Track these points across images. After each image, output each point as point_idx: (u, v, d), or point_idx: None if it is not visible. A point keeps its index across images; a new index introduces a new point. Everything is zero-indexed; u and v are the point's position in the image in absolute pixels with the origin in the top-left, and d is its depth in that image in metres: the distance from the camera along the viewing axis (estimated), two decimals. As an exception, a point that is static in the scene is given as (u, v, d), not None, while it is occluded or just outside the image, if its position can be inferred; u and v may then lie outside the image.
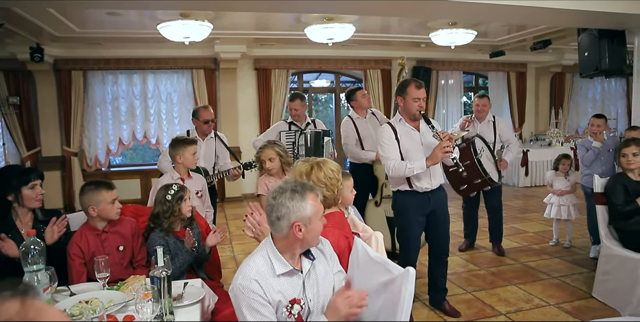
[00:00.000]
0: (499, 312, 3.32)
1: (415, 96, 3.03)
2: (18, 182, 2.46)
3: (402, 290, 1.65)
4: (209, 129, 4.10)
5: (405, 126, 3.15)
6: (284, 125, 4.38)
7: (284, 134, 4.22)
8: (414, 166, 2.98)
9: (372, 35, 6.72)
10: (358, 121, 4.54)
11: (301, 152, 4.10)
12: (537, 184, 8.57)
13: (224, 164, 4.16)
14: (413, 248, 3.26)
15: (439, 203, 3.24)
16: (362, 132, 4.51)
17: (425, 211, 3.20)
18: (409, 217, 3.21)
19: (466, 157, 4.07)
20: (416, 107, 3.05)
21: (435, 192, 3.21)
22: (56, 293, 2.09)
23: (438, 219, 3.25)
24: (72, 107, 7.24)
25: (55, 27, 5.65)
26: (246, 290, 1.61)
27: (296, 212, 1.62)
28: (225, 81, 7.81)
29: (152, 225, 2.58)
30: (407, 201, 3.19)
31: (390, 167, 3.05)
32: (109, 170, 7.83)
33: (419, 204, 3.18)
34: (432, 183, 3.16)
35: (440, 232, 3.31)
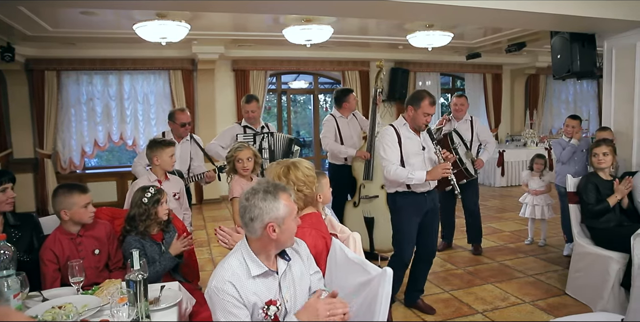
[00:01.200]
0: (476, 311, 3.38)
1: (427, 111, 3.14)
2: None
3: (379, 290, 1.66)
4: (186, 132, 4.02)
5: (409, 132, 3.24)
6: (239, 129, 4.30)
7: (242, 137, 4.12)
8: (414, 177, 3.08)
9: (350, 36, 6.75)
10: (340, 120, 4.63)
11: (265, 155, 4.01)
12: (513, 184, 8.74)
13: (198, 166, 4.09)
14: (408, 248, 3.31)
15: (434, 203, 3.33)
16: (343, 132, 4.60)
17: (422, 211, 3.28)
18: (407, 218, 3.27)
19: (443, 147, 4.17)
20: (424, 121, 3.17)
21: (431, 193, 3.31)
22: (28, 299, 2.04)
23: (430, 219, 3.33)
24: (46, 108, 7.06)
25: (27, 26, 5.50)
26: (221, 292, 1.60)
27: (269, 212, 1.62)
28: (203, 82, 7.74)
29: (128, 227, 2.54)
30: (406, 201, 3.26)
31: (392, 171, 3.12)
32: (84, 172, 7.66)
33: (416, 205, 3.25)
34: (430, 184, 3.27)
35: (432, 232, 3.38)
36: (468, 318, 3.27)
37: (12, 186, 2.48)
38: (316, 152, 9.03)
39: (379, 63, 4.59)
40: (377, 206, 4.35)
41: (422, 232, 3.34)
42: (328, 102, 10.51)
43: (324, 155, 9.25)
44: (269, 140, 4.06)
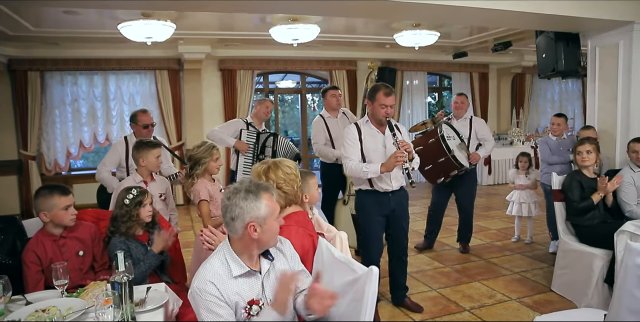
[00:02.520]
0: (463, 308, 3.40)
1: (382, 103, 3.09)
2: None
3: (365, 289, 1.66)
4: (149, 134, 3.90)
5: (371, 128, 3.21)
6: (243, 124, 4.37)
7: (246, 132, 4.20)
8: (368, 170, 3.06)
9: (337, 36, 6.75)
10: (329, 120, 4.60)
11: (267, 153, 4.05)
12: (499, 182, 8.82)
13: (168, 167, 4.02)
14: (374, 246, 3.30)
15: (399, 203, 3.30)
16: (332, 132, 4.56)
17: (385, 210, 3.26)
18: (369, 216, 3.26)
19: (432, 136, 4.23)
20: (382, 114, 3.11)
21: (396, 193, 3.27)
22: (10, 303, 2.01)
23: (397, 219, 3.31)
24: (29, 109, 6.95)
25: (8, 26, 5.41)
26: (203, 292, 1.60)
27: (250, 212, 1.61)
28: (189, 82, 7.68)
29: (112, 228, 2.52)
30: (367, 199, 3.26)
31: (349, 167, 3.14)
32: (70, 174, 7.56)
33: (378, 204, 3.23)
34: (393, 185, 3.22)
35: (399, 232, 3.36)
36: (456, 316, 3.29)
37: None
38: (304, 151, 9.02)
39: (371, 64, 4.60)
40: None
41: (389, 231, 3.36)
42: (316, 102, 10.52)
43: (312, 155, 9.26)
44: (274, 141, 4.12)
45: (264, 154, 4.12)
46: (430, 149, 4.20)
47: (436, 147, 4.18)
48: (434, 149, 4.18)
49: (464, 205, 4.72)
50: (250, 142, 4.20)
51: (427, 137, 4.34)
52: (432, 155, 4.17)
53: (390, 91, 3.12)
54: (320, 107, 10.86)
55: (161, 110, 7.52)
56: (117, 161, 3.86)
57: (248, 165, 4.15)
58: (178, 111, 7.67)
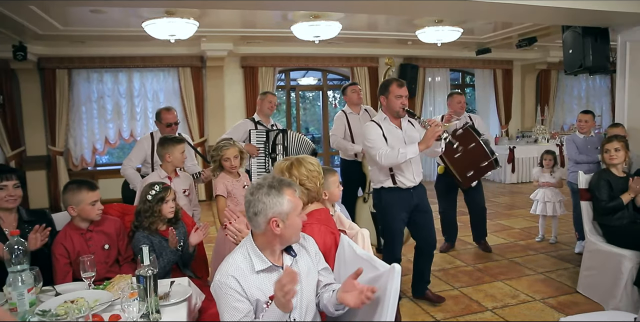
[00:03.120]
0: (486, 308, 3.36)
1: (397, 94, 3.10)
2: None
3: (387, 286, 1.66)
4: (172, 132, 3.90)
5: (390, 125, 3.21)
6: (251, 124, 4.27)
7: (255, 132, 4.10)
8: (406, 151, 2.99)
9: (359, 32, 6.73)
10: (351, 116, 4.62)
11: (278, 151, 3.99)
12: (523, 181, 8.67)
13: (192, 165, 4.05)
14: (398, 244, 3.32)
15: (421, 198, 3.31)
16: (353, 127, 4.57)
17: (409, 207, 3.26)
18: (393, 214, 3.25)
19: (469, 141, 4.14)
20: (399, 105, 3.12)
21: (417, 188, 3.28)
22: (41, 293, 2.07)
23: (421, 213, 3.31)
24: (57, 106, 7.15)
25: (39, 25, 5.56)
26: (224, 286, 1.62)
27: (273, 207, 1.62)
28: (212, 79, 7.76)
29: (136, 223, 2.56)
30: (391, 198, 3.24)
31: (382, 156, 3.05)
32: (95, 169, 7.74)
33: (402, 201, 3.23)
34: (415, 179, 3.23)
35: (426, 226, 3.36)
36: (478, 315, 3.25)
37: (16, 183, 2.47)
38: (325, 148, 9.02)
39: (388, 60, 4.56)
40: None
41: (416, 227, 3.35)
42: (337, 99, 10.50)
43: (333, 152, 9.25)
44: (284, 138, 4.04)
45: (275, 153, 4.05)
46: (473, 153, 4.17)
47: (478, 151, 4.15)
48: (477, 154, 4.14)
49: (478, 202, 4.62)
50: (260, 142, 4.11)
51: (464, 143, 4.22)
52: (475, 159, 4.15)
53: (402, 83, 3.14)
54: (341, 104, 10.85)
55: (184, 107, 7.62)
56: (142, 157, 3.92)
57: (261, 165, 4.09)
58: (201, 108, 7.76)
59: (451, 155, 4.16)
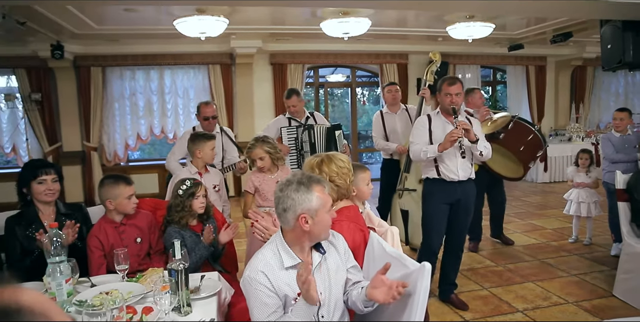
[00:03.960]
0: (516, 309, 3.29)
1: (446, 91, 3.22)
2: (28, 176, 2.51)
3: (417, 285, 1.64)
4: (210, 126, 4.03)
5: (441, 119, 3.32)
6: (284, 121, 4.30)
7: (285, 130, 4.13)
8: (427, 150, 3.19)
9: (388, 29, 6.66)
10: (386, 116, 4.74)
11: (305, 148, 4.01)
12: (556, 180, 8.44)
13: (232, 158, 4.14)
14: (435, 236, 3.34)
15: (465, 194, 3.31)
16: (388, 127, 4.69)
17: (450, 199, 3.29)
18: (433, 203, 3.33)
19: (527, 133, 4.31)
20: (447, 102, 3.21)
21: (463, 183, 3.29)
22: (78, 284, 2.14)
23: (461, 210, 3.32)
24: (92, 103, 7.35)
25: (75, 25, 5.72)
26: (254, 282, 1.63)
27: (302, 204, 1.63)
28: (241, 76, 7.83)
29: (168, 218, 2.61)
30: (434, 187, 3.35)
31: (411, 150, 3.32)
32: (128, 165, 7.93)
33: (444, 192, 3.29)
34: (459, 174, 3.25)
35: (460, 224, 3.37)
36: (508, 317, 3.19)
37: (55, 178, 2.55)
38: (354, 145, 8.99)
39: (433, 55, 4.44)
40: (413, 200, 4.31)
41: (451, 223, 3.36)
42: (365, 96, 10.45)
43: (361, 149, 9.23)
44: (309, 134, 4.02)
45: (303, 150, 4.06)
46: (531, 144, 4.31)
47: (535, 142, 4.27)
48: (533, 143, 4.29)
49: (501, 198, 4.77)
50: (291, 139, 4.13)
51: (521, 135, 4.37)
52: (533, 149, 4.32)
53: (454, 80, 3.24)
54: (369, 100, 10.80)
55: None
56: (184, 151, 4.02)
57: (294, 162, 4.13)
58: (230, 105, 7.85)
59: (516, 149, 4.29)
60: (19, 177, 2.56)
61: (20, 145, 7.35)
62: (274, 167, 3.22)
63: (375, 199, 4.87)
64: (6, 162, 8.23)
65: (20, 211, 2.57)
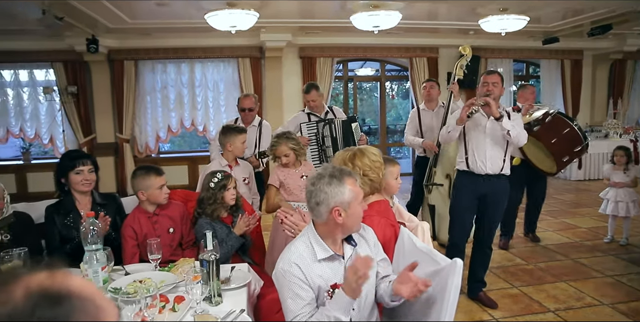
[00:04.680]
0: (548, 309, 3.22)
1: (484, 80, 3.24)
2: (66, 166, 2.58)
3: (448, 281, 1.63)
4: (246, 116, 4.13)
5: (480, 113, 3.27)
6: (304, 117, 4.27)
7: (305, 126, 4.11)
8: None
9: (419, 22, 6.57)
10: (423, 113, 4.71)
11: (327, 143, 3.99)
12: (591, 178, 8.19)
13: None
14: (458, 228, 3.33)
15: (493, 190, 3.24)
16: (424, 124, 4.65)
17: (477, 193, 3.25)
18: (460, 196, 3.33)
19: (563, 126, 4.27)
20: (484, 91, 3.21)
21: (493, 178, 3.22)
22: (112, 272, 2.20)
23: (488, 206, 3.27)
24: (124, 96, 7.52)
25: (109, 19, 5.86)
26: (287, 274, 1.64)
27: (334, 197, 1.63)
28: (270, 69, 7.86)
29: (199, 210, 2.65)
30: (462, 179, 3.35)
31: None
32: (159, 156, 8.10)
33: (471, 185, 3.27)
34: (486, 165, 3.20)
35: (488, 220, 3.31)
36: (539, 316, 3.13)
37: (91, 169, 2.62)
38: (382, 140, 8.94)
39: (463, 49, 4.31)
40: (440, 194, 4.28)
41: (479, 218, 3.34)
42: (394, 90, 10.35)
43: (389, 143, 9.17)
44: (330, 128, 4.00)
45: (324, 145, 4.04)
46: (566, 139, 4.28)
47: (572, 136, 4.24)
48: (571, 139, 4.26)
49: (540, 194, 4.68)
50: (311, 134, 4.10)
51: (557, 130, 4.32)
52: (570, 144, 4.27)
53: (493, 71, 3.31)
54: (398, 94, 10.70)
55: (243, 97, 7.76)
56: None
57: (315, 157, 4.11)
58: (259, 98, 7.83)
59: (548, 141, 4.23)
60: (57, 168, 2.64)
61: (57, 136, 7.60)
62: (297, 162, 3.23)
63: (405, 194, 4.85)
64: (44, 153, 8.52)
65: (58, 200, 2.65)
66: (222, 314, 1.77)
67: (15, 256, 1.99)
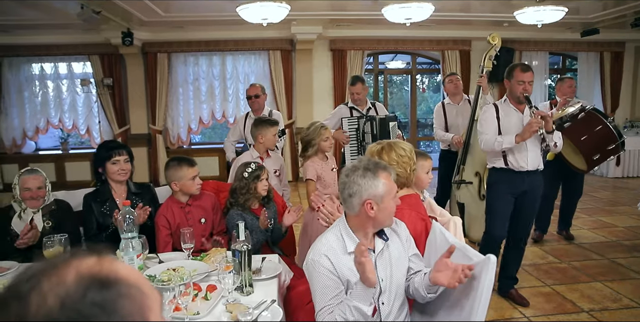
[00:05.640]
0: (581, 309, 3.14)
1: (520, 79, 3.08)
2: (103, 156, 2.66)
3: (481, 278, 1.60)
4: (253, 104, 4.21)
5: (509, 106, 3.21)
6: (345, 111, 4.26)
7: (347, 121, 4.11)
8: (503, 140, 3.05)
9: (452, 14, 6.45)
10: (448, 107, 4.64)
11: (367, 139, 3.97)
12: (629, 175, 7.91)
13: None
14: (498, 226, 3.24)
15: (533, 186, 3.20)
16: (449, 118, 4.59)
17: (516, 189, 3.19)
18: (498, 193, 3.24)
19: (595, 123, 4.06)
20: (520, 90, 3.09)
21: (531, 174, 3.17)
22: (147, 260, 2.26)
23: (526, 202, 3.22)
24: (158, 88, 7.68)
25: (144, 12, 5.96)
26: (317, 264, 1.65)
27: (368, 189, 1.62)
28: (301, 62, 7.87)
29: (232, 200, 2.68)
30: (500, 177, 3.25)
31: (483, 141, 3.19)
32: (190, 148, 8.24)
33: (510, 183, 3.19)
34: (528, 163, 3.14)
35: (524, 216, 3.26)
36: (572, 316, 3.05)
37: (127, 159, 2.70)
38: (412, 133, 8.85)
39: (492, 38, 4.14)
40: (469, 192, 4.20)
41: (516, 214, 3.25)
42: (425, 83, 10.21)
43: (419, 137, 9.06)
44: (371, 125, 3.97)
45: (365, 141, 4.03)
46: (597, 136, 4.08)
47: (604, 134, 4.03)
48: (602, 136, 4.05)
49: (577, 190, 4.55)
50: (352, 129, 4.10)
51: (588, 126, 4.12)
52: (601, 142, 4.06)
53: (528, 67, 3.10)
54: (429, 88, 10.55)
55: (273, 89, 7.81)
56: (239, 134, 4.27)
57: (354, 152, 4.11)
58: (290, 90, 7.92)
59: (577, 138, 4.05)
60: (95, 158, 2.73)
61: (94, 127, 7.83)
62: (324, 156, 3.24)
63: (433, 189, 4.80)
64: (80, 143, 8.80)
65: (96, 188, 2.74)
66: (253, 304, 1.79)
67: (57, 241, 2.07)
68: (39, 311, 0.55)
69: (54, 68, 7.77)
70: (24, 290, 0.57)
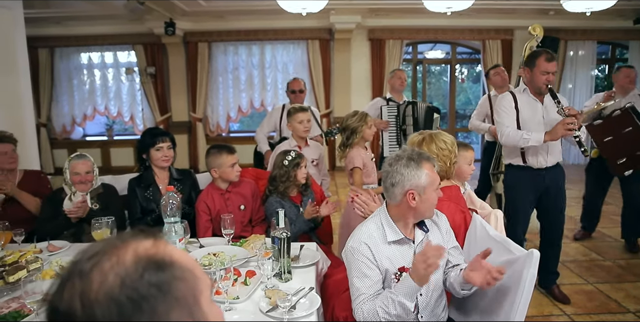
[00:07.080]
0: (627, 310, 3.02)
1: (544, 69, 2.84)
2: (147, 143, 2.74)
3: (523, 273, 1.58)
4: (296, 99, 4.24)
5: (529, 96, 2.98)
6: (382, 101, 4.40)
7: (387, 107, 4.21)
8: (530, 137, 2.80)
9: (494, 2, 6.25)
10: (494, 99, 4.50)
11: (408, 122, 4.03)
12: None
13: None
14: (520, 226, 3.12)
15: (554, 181, 3.03)
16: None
17: (538, 188, 3.04)
18: (519, 193, 3.08)
19: (625, 124, 3.65)
20: (543, 81, 2.86)
21: (551, 170, 3.01)
22: (188, 244, 2.33)
23: (552, 198, 3.06)
24: (198, 77, 7.84)
25: (186, 2, 6.09)
26: (356, 252, 1.66)
27: (411, 179, 1.61)
28: (339, 51, 7.84)
29: (271, 187, 2.72)
30: (519, 176, 3.07)
31: (504, 134, 2.90)
32: (229, 136, 8.39)
33: (531, 181, 3.02)
34: (548, 160, 2.98)
35: (553, 213, 3.11)
36: (616, 316, 2.94)
37: (170, 145, 2.78)
38: (451, 124, 8.69)
39: (534, 29, 3.98)
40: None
41: (544, 212, 3.13)
42: (464, 73, 9.97)
43: (458, 128, 8.89)
44: (413, 109, 4.05)
45: (405, 124, 4.10)
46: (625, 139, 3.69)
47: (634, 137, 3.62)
48: (632, 140, 3.64)
49: (633, 194, 3.90)
50: (391, 115, 4.17)
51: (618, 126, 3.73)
52: (630, 146, 3.67)
53: (552, 57, 2.86)
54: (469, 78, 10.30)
55: (311, 78, 7.83)
56: (273, 125, 4.26)
57: (393, 138, 4.16)
58: (327, 80, 7.92)
59: (600, 139, 3.74)
60: (139, 144, 2.82)
61: (137, 114, 8.10)
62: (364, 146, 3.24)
63: (474, 181, 4.72)
64: (124, 130, 9.10)
65: (140, 174, 2.83)
66: (291, 291, 1.82)
67: (104, 223, 2.17)
68: (101, 288, 0.58)
69: (101, 57, 8.06)
70: (86, 268, 0.60)
